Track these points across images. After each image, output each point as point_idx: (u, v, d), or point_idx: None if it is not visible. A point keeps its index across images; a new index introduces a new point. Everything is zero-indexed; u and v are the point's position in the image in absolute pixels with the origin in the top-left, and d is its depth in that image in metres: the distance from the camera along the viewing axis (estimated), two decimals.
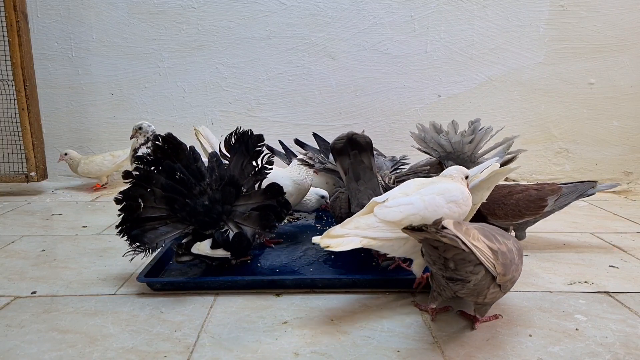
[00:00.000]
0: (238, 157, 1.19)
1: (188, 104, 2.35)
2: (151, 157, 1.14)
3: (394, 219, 1.00)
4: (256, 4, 2.26)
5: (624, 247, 1.43)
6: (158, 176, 1.12)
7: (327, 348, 0.87)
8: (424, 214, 1.01)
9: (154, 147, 1.14)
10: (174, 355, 0.85)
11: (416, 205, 1.02)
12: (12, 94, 2.10)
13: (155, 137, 1.13)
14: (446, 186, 1.07)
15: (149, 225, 1.12)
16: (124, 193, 1.12)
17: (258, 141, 1.20)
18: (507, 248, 0.89)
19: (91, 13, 2.26)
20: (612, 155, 2.37)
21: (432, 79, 2.32)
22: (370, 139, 1.20)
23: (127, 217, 1.12)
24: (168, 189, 1.12)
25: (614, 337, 0.91)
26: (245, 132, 1.19)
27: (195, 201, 1.14)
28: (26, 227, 1.64)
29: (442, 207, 1.03)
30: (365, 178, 1.19)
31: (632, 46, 2.26)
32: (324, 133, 2.06)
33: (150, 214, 1.13)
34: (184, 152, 1.14)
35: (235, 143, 1.20)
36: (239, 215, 1.17)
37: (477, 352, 0.86)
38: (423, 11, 2.25)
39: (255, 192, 1.19)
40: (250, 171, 1.20)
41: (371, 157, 1.20)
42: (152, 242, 1.11)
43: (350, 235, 0.98)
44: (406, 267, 1.20)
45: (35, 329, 0.94)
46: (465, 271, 0.85)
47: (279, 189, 1.17)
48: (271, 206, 1.17)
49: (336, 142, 1.21)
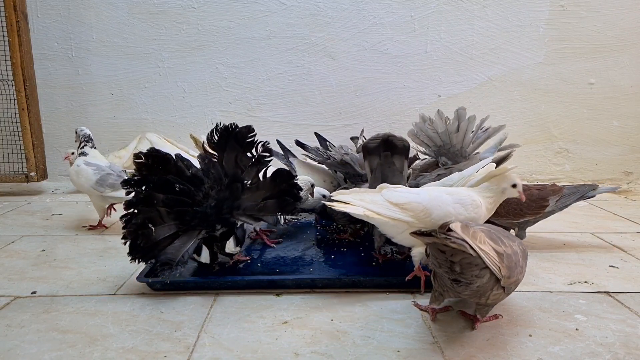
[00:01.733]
0: (229, 152, 1.16)
1: (188, 104, 2.35)
2: (137, 177, 1.08)
3: (397, 201, 1.04)
4: (256, 4, 2.26)
5: (624, 247, 1.43)
6: (157, 195, 1.08)
7: (327, 348, 0.87)
8: (427, 204, 1.04)
9: (137, 165, 1.08)
10: (174, 355, 0.85)
11: (421, 196, 1.05)
12: (12, 94, 2.10)
13: (136, 154, 1.08)
14: (458, 190, 1.09)
15: (164, 243, 1.08)
16: (131, 224, 1.06)
17: (248, 132, 1.16)
18: (513, 250, 0.89)
19: (91, 13, 2.26)
20: (612, 155, 2.37)
21: (432, 79, 2.32)
22: (408, 144, 1.19)
23: (142, 243, 1.06)
24: (172, 203, 1.09)
25: (614, 337, 0.91)
26: (228, 127, 1.15)
27: (203, 207, 1.12)
28: (26, 227, 1.64)
29: (447, 204, 1.04)
30: (394, 180, 1.18)
31: (632, 46, 2.26)
32: (324, 133, 2.06)
33: (164, 234, 1.08)
34: (170, 163, 1.10)
35: (221, 139, 1.16)
36: (251, 208, 1.15)
37: (477, 352, 0.86)
38: (423, 11, 2.25)
39: (263, 182, 1.17)
40: (246, 163, 1.17)
41: (404, 161, 1.19)
42: (176, 257, 1.07)
43: (355, 203, 1.04)
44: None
45: (35, 329, 0.94)
46: (471, 275, 0.85)
47: (287, 173, 1.16)
48: (286, 190, 1.15)
49: (370, 141, 1.19)
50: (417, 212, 1.04)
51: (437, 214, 1.03)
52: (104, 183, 1.57)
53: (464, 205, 1.05)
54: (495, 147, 1.58)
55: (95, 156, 1.66)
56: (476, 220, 1.07)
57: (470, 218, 1.05)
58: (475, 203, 1.07)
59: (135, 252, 1.07)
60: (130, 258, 1.07)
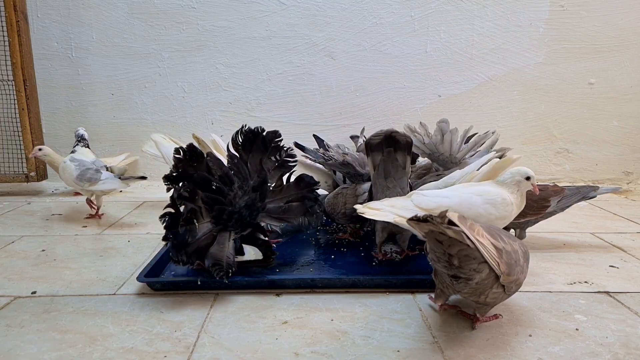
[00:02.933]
0: (254, 154, 1.18)
1: (188, 104, 2.35)
2: (176, 173, 1.10)
3: (427, 206, 1.05)
4: (256, 4, 2.26)
5: (624, 247, 1.43)
6: (198, 191, 1.08)
7: (327, 348, 0.87)
8: (457, 208, 1.03)
9: (174, 160, 1.10)
10: (174, 355, 0.85)
11: (451, 199, 1.06)
12: (12, 94, 2.10)
13: (176, 149, 1.10)
14: (488, 189, 1.08)
15: (204, 242, 1.09)
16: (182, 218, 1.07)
17: (274, 137, 1.19)
18: (513, 248, 0.88)
19: (91, 13, 2.26)
20: (612, 155, 2.37)
21: (432, 79, 2.32)
22: (411, 140, 1.19)
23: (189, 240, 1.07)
24: (211, 201, 1.10)
25: (614, 337, 0.91)
26: (255, 130, 1.17)
27: (235, 207, 1.13)
28: (26, 227, 1.64)
29: (478, 206, 1.04)
30: (396, 176, 1.18)
31: (632, 46, 2.26)
32: (324, 133, 2.06)
33: (202, 232, 1.10)
34: (204, 162, 1.12)
35: (246, 141, 1.18)
36: (275, 210, 1.18)
37: (477, 352, 0.86)
38: (423, 11, 2.25)
39: (287, 186, 1.20)
40: (270, 167, 1.20)
41: (407, 157, 1.19)
42: (222, 258, 1.08)
43: (385, 210, 1.08)
44: None
45: (35, 329, 0.94)
46: (470, 269, 0.84)
47: (311, 179, 1.19)
48: (308, 196, 1.18)
49: (373, 137, 1.20)
50: (421, 215, 1.04)
51: (467, 216, 1.03)
52: (83, 178, 1.66)
53: (495, 204, 1.04)
54: (485, 151, 1.58)
55: (83, 153, 1.76)
56: (508, 219, 1.06)
57: (501, 217, 1.04)
58: (505, 201, 1.06)
59: (179, 250, 1.05)
60: (175, 260, 1.06)
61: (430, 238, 0.87)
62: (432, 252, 0.89)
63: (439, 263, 0.88)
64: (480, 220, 1.03)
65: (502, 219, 1.06)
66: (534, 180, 1.11)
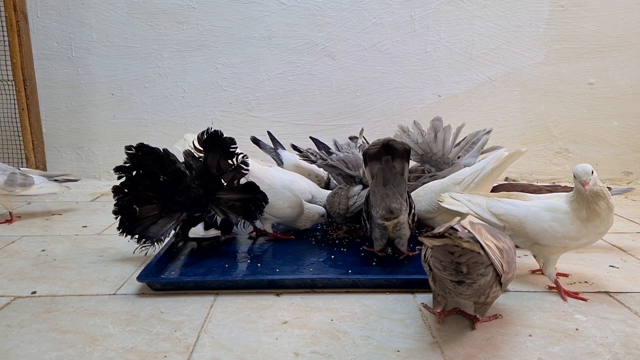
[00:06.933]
0: (213, 155, 1.32)
1: (188, 104, 2.35)
2: (128, 164, 1.27)
3: (496, 211, 1.14)
4: (256, 4, 2.26)
5: (624, 247, 1.43)
6: (144, 181, 1.28)
7: (327, 348, 0.87)
8: (522, 218, 1.10)
9: (128, 155, 1.26)
10: (174, 355, 0.85)
11: (520, 210, 1.11)
12: (12, 94, 2.10)
13: (127, 147, 1.26)
14: (557, 205, 1.08)
15: (148, 221, 1.28)
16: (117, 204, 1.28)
17: (231, 143, 1.32)
18: (508, 246, 0.89)
19: (91, 13, 2.26)
20: (612, 155, 2.37)
21: (432, 79, 2.32)
22: (409, 147, 1.20)
23: (126, 222, 1.28)
24: (156, 190, 1.29)
25: (614, 337, 0.91)
26: (216, 134, 1.30)
27: (182, 196, 1.30)
28: (26, 227, 1.64)
29: (543, 221, 1.07)
30: (395, 183, 1.19)
31: (632, 46, 2.26)
32: (324, 133, 2.07)
33: (147, 213, 1.28)
34: (158, 156, 1.28)
35: (208, 141, 1.31)
36: (224, 203, 1.32)
37: (477, 352, 0.86)
38: (423, 11, 2.25)
39: (236, 187, 1.34)
40: (227, 167, 1.34)
41: (405, 164, 1.20)
42: (158, 235, 1.26)
43: (463, 202, 1.20)
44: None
45: (35, 329, 0.94)
46: (477, 274, 0.84)
47: (256, 187, 1.32)
48: (252, 199, 1.32)
49: (370, 147, 1.20)
50: (511, 224, 1.11)
51: (531, 229, 1.08)
52: (14, 183, 1.66)
53: (562, 223, 1.06)
54: (478, 151, 1.58)
55: None
56: (577, 239, 1.06)
57: (566, 235, 1.05)
58: (571, 217, 1.06)
59: (122, 227, 1.28)
60: (120, 232, 1.27)
61: (438, 249, 0.85)
62: (438, 262, 0.86)
63: (445, 271, 0.86)
64: (545, 235, 1.07)
65: (565, 235, 1.06)
66: (584, 177, 1.07)
